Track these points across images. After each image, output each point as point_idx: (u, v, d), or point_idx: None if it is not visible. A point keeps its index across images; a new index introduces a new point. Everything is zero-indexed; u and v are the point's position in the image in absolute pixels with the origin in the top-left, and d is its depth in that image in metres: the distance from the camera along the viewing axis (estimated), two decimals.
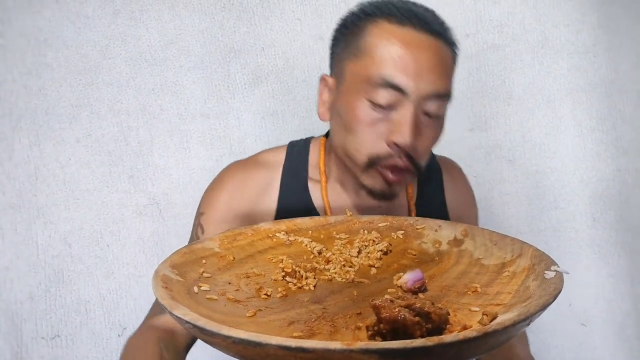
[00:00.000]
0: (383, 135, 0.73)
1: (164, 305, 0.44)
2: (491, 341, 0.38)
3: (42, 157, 1.29)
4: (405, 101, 0.72)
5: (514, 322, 0.39)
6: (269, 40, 1.34)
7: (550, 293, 0.44)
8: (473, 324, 0.45)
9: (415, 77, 0.71)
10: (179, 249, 0.59)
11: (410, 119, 0.71)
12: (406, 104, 0.72)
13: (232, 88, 1.34)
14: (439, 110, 0.74)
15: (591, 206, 1.43)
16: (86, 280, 1.32)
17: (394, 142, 0.72)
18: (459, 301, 0.53)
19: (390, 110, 0.73)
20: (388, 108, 0.72)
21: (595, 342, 1.45)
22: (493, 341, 0.38)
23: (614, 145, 1.42)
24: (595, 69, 1.39)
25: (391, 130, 0.73)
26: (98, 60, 1.30)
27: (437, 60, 0.72)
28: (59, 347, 1.31)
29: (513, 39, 1.39)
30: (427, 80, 0.71)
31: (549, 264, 0.52)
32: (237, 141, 1.35)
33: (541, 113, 1.41)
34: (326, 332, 0.46)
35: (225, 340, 0.37)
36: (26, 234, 1.29)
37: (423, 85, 0.71)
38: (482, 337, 0.36)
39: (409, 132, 0.71)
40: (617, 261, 1.44)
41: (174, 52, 1.32)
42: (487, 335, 0.37)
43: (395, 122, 0.72)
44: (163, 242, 1.34)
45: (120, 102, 1.31)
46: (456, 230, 0.69)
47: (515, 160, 1.42)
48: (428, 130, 0.75)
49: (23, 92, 1.27)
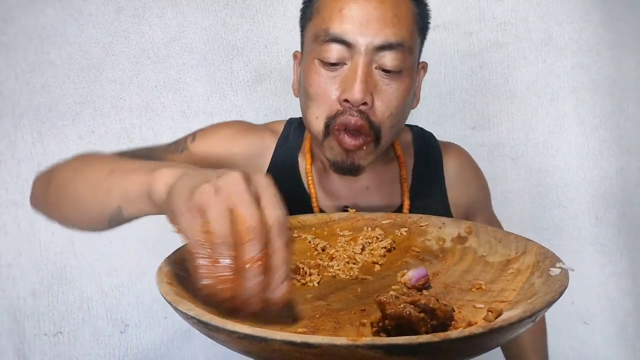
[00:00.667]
0: (335, 94, 0.70)
1: (168, 301, 0.44)
2: (497, 338, 0.38)
3: (45, 154, 1.29)
4: (354, 55, 0.69)
5: (519, 318, 0.38)
6: (272, 38, 1.33)
7: (555, 290, 0.44)
8: (478, 320, 0.45)
9: (361, 27, 0.68)
10: (183, 245, 0.59)
11: (359, 73, 0.68)
12: (355, 58, 0.69)
13: (234, 85, 1.34)
14: (397, 63, 0.69)
15: (594, 204, 1.42)
16: (89, 277, 1.32)
17: (345, 98, 0.69)
18: (463, 298, 0.53)
19: (341, 67, 0.70)
20: (339, 65, 0.70)
21: (597, 341, 1.44)
22: (499, 338, 0.38)
23: (617, 144, 1.41)
24: (599, 67, 1.38)
25: (342, 87, 0.70)
26: (101, 57, 1.29)
27: (386, 9, 0.69)
28: (61, 343, 1.31)
29: (516, 37, 1.38)
30: (374, 29, 0.68)
31: (554, 261, 0.52)
32: None
33: (544, 111, 1.40)
34: (330, 328, 0.46)
35: (230, 335, 0.37)
36: (29, 231, 1.29)
37: (370, 35, 0.68)
38: (487, 333, 0.36)
39: (359, 86, 0.67)
40: (619, 259, 1.43)
41: (177, 49, 1.31)
42: (492, 331, 0.37)
43: (345, 78, 0.69)
44: (166, 239, 1.32)
45: (123, 100, 1.31)
46: (460, 228, 0.69)
47: (518, 159, 1.42)
48: (387, 88, 0.70)
49: (26, 90, 1.27)
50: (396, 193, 0.85)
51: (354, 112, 0.69)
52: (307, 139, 0.85)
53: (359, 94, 0.68)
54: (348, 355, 0.35)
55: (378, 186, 0.84)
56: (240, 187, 0.43)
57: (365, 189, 0.84)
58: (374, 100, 0.70)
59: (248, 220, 0.41)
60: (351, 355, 0.35)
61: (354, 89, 0.68)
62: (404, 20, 0.71)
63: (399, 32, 0.69)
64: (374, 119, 0.71)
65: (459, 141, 1.36)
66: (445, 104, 1.37)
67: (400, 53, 0.70)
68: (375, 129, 0.71)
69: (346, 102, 0.69)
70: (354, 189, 0.83)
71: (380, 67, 0.70)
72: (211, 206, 0.41)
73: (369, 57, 0.69)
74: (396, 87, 0.71)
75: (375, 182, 0.84)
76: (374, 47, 0.69)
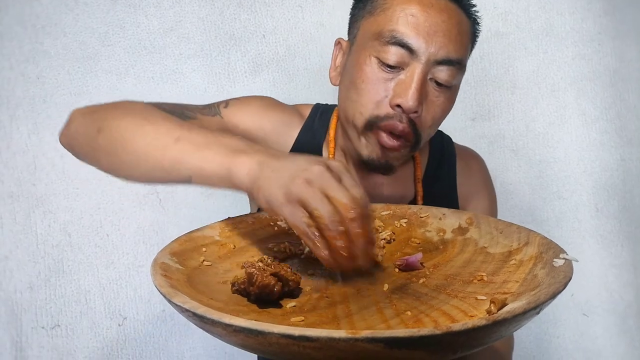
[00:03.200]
0: (387, 97, 0.70)
1: (162, 294, 0.42)
2: (500, 330, 0.37)
3: (41, 145, 1.28)
4: (414, 62, 0.69)
5: (524, 310, 0.37)
6: (270, 28, 1.32)
7: (560, 281, 0.43)
8: (480, 312, 0.44)
9: (427, 37, 0.68)
10: (179, 236, 0.58)
11: (417, 81, 0.68)
12: (415, 65, 0.69)
13: (232, 76, 1.33)
14: (450, 79, 0.71)
15: (595, 196, 1.41)
16: (86, 270, 1.31)
17: (397, 104, 0.69)
18: (464, 290, 0.52)
19: (399, 72, 0.70)
20: (396, 68, 0.70)
21: (596, 333, 1.44)
22: (502, 330, 0.37)
23: (618, 135, 1.40)
24: (600, 57, 1.37)
25: (396, 91, 0.70)
26: (97, 47, 1.28)
27: (452, 25, 0.70)
28: (58, 336, 1.31)
29: (517, 27, 1.37)
30: (439, 43, 0.69)
31: (557, 252, 0.51)
32: None
33: (545, 102, 1.39)
34: (329, 321, 0.45)
35: (226, 328, 0.36)
36: (25, 224, 1.28)
37: (434, 47, 0.68)
38: (491, 325, 0.35)
39: (414, 95, 0.68)
40: (620, 251, 1.42)
41: (174, 39, 1.30)
42: (496, 323, 0.36)
43: (401, 83, 0.70)
44: (163, 231, 1.33)
45: (119, 90, 1.29)
46: (461, 219, 0.68)
47: (519, 150, 1.41)
48: (436, 100, 0.72)
49: (21, 80, 1.26)
50: (409, 191, 0.86)
51: (403, 118, 0.70)
52: (331, 128, 0.84)
53: (413, 102, 0.69)
54: (347, 348, 0.34)
55: (392, 183, 0.85)
56: (327, 176, 0.50)
57: (381, 184, 0.84)
58: (423, 110, 0.71)
59: (343, 201, 0.49)
60: (350, 349, 0.34)
61: (409, 96, 0.69)
62: (465, 39, 0.72)
63: (460, 50, 0.71)
64: (419, 127, 0.72)
65: (459, 132, 1.35)
66: None
67: (455, 70, 0.71)
68: (417, 135, 0.73)
69: (398, 107, 0.70)
70: (369, 183, 0.84)
71: (434, 79, 0.71)
72: (310, 197, 0.49)
73: (428, 67, 0.69)
74: (443, 101, 0.73)
75: (390, 180, 0.85)
76: (435, 59, 0.69)
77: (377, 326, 0.44)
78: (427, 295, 0.51)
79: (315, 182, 0.49)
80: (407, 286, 0.54)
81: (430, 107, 0.72)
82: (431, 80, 0.71)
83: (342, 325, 0.44)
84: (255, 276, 0.46)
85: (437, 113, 0.73)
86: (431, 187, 0.86)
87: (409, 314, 0.46)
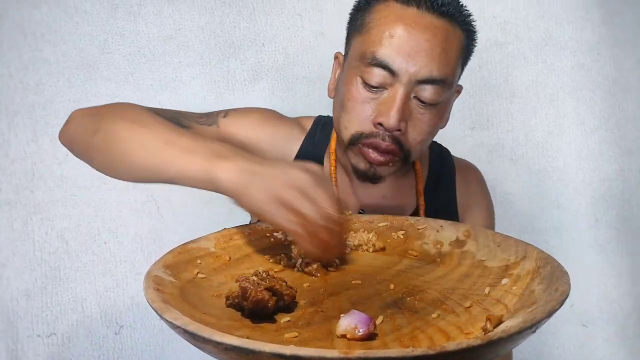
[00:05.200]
0: (371, 116, 0.72)
1: (154, 309, 0.42)
2: (496, 349, 0.37)
3: (39, 153, 1.27)
4: (395, 83, 0.70)
5: (519, 329, 0.37)
6: (269, 36, 1.32)
7: (556, 298, 0.43)
8: (476, 329, 0.43)
9: (408, 58, 0.69)
10: (173, 248, 0.58)
11: (398, 102, 0.70)
12: (396, 86, 0.70)
13: (231, 84, 1.33)
14: (434, 97, 0.72)
15: (593, 206, 1.41)
16: (83, 277, 1.31)
17: (379, 122, 0.71)
18: (461, 304, 0.51)
19: (382, 91, 0.71)
20: (379, 88, 0.71)
21: (596, 343, 1.43)
22: (498, 349, 0.37)
23: (617, 145, 1.40)
24: (599, 67, 1.37)
25: (379, 111, 0.71)
26: (96, 55, 1.28)
27: (436, 43, 0.70)
28: (55, 345, 1.30)
29: (516, 37, 1.37)
30: (420, 63, 0.69)
31: (554, 267, 0.51)
32: None
33: (544, 111, 1.39)
34: (323, 337, 0.45)
35: (217, 346, 0.36)
36: (23, 231, 1.28)
37: (416, 67, 0.69)
38: (486, 345, 0.35)
39: (395, 115, 0.70)
40: (619, 262, 1.42)
41: (173, 47, 1.30)
42: (491, 343, 0.35)
43: (384, 102, 0.71)
44: (161, 239, 1.32)
45: (118, 98, 1.29)
46: (458, 231, 0.67)
47: (518, 159, 1.40)
48: (421, 117, 0.73)
49: (20, 88, 1.26)
50: (410, 202, 0.87)
51: (386, 137, 0.72)
52: (332, 139, 0.86)
53: (394, 121, 0.70)
54: None
55: (394, 196, 0.86)
56: (307, 178, 0.55)
57: (382, 197, 0.85)
58: (407, 127, 0.73)
59: (323, 200, 0.54)
60: None
61: (390, 116, 0.70)
62: (451, 55, 0.72)
63: (444, 68, 0.71)
64: (405, 144, 0.74)
65: (458, 142, 1.35)
66: None
67: (440, 88, 0.71)
68: (405, 152, 0.74)
69: (381, 125, 0.72)
70: (372, 195, 0.85)
71: (418, 97, 0.72)
72: (292, 197, 0.54)
73: (410, 87, 0.71)
74: (430, 117, 0.73)
75: (392, 192, 0.86)
76: (417, 79, 0.70)
77: (371, 343, 0.43)
78: (423, 310, 0.51)
79: (297, 186, 0.54)
80: (403, 301, 0.53)
81: (416, 125, 0.73)
82: (415, 99, 0.72)
83: (336, 343, 0.43)
84: (249, 291, 0.46)
85: (424, 129, 0.74)
86: (432, 199, 0.87)
87: (404, 330, 0.46)
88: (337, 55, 0.82)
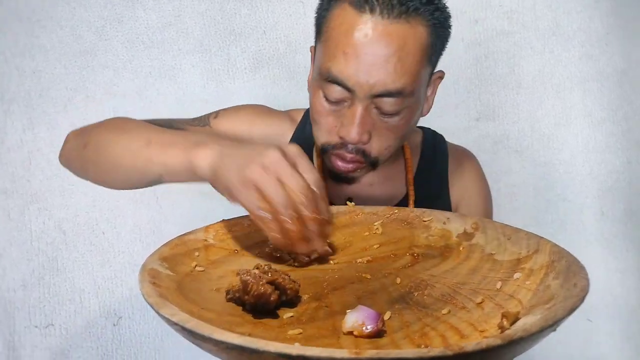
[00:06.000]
0: (336, 127, 0.72)
1: (150, 304, 0.40)
2: (515, 349, 0.34)
3: (36, 141, 1.26)
4: (354, 98, 0.69)
5: (541, 327, 0.35)
6: (271, 23, 1.30)
7: (576, 294, 0.40)
8: (490, 327, 0.41)
9: (362, 75, 0.67)
10: (170, 240, 0.55)
11: (357, 117, 0.69)
12: (355, 102, 0.70)
13: (232, 72, 1.31)
14: (395, 108, 0.70)
15: (600, 199, 1.40)
16: (81, 268, 1.30)
17: (342, 136, 0.71)
18: (472, 299, 0.49)
19: (343, 104, 0.71)
20: (340, 102, 0.71)
21: (600, 338, 1.42)
22: (517, 349, 0.35)
23: (624, 137, 1.38)
24: (607, 57, 1.36)
25: (342, 123, 0.71)
26: (94, 42, 1.27)
27: (392, 53, 0.66)
28: (52, 336, 1.29)
29: (523, 26, 1.35)
30: (376, 77, 0.67)
31: (570, 261, 0.49)
32: None
33: (550, 103, 1.37)
34: (328, 334, 0.43)
35: (217, 345, 0.34)
36: (19, 221, 1.27)
37: (371, 83, 0.67)
38: (506, 345, 0.32)
39: (356, 130, 0.69)
40: (625, 256, 1.40)
41: (173, 34, 1.28)
42: (512, 342, 0.33)
43: (344, 116, 0.71)
44: (160, 230, 1.31)
45: (116, 86, 1.28)
46: (466, 223, 0.65)
47: (523, 151, 1.39)
48: (385, 125, 0.72)
49: (16, 75, 1.24)
50: (399, 191, 0.86)
51: (350, 149, 0.72)
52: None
53: (355, 136, 0.70)
54: None
55: (382, 183, 0.86)
56: (282, 162, 0.52)
57: (370, 185, 0.85)
58: (372, 137, 0.72)
59: (296, 187, 0.51)
60: None
61: (351, 132, 0.70)
62: (410, 62, 0.68)
63: (400, 79, 0.68)
64: (371, 153, 0.73)
65: (463, 133, 1.34)
66: (448, 94, 1.34)
67: (399, 99, 0.70)
68: (372, 160, 0.74)
69: (343, 139, 0.72)
70: (360, 183, 0.84)
71: (378, 109, 0.71)
72: (265, 182, 0.51)
73: (368, 101, 0.70)
74: (394, 125, 0.72)
75: (380, 179, 0.85)
76: (373, 94, 0.69)
77: (380, 341, 0.41)
78: (432, 306, 0.48)
79: (270, 167, 0.52)
80: (411, 295, 0.51)
81: (381, 134, 0.72)
82: (376, 109, 0.71)
83: (343, 340, 0.41)
84: (250, 284, 0.44)
85: (390, 136, 0.73)
86: (422, 187, 0.86)
87: (414, 327, 0.44)
88: (311, 49, 0.80)
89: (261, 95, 1.31)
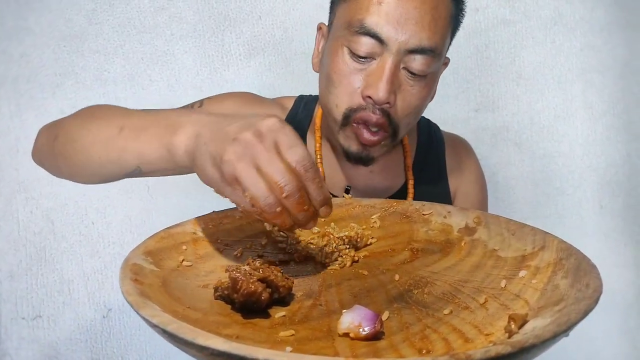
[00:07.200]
0: (360, 88, 0.69)
1: (130, 303, 0.37)
2: (527, 356, 0.32)
3: (24, 128, 1.23)
4: (384, 53, 0.67)
5: (554, 333, 0.32)
6: (267, 9, 1.27)
7: (590, 296, 0.38)
8: (496, 330, 0.39)
9: (397, 26, 0.66)
10: (156, 233, 0.52)
11: (387, 73, 0.67)
12: (385, 56, 0.68)
13: (226, 59, 1.28)
14: (424, 68, 0.69)
15: (599, 192, 1.38)
16: (69, 259, 1.27)
17: (368, 95, 0.68)
18: (475, 299, 0.46)
19: (370, 62, 0.68)
20: (367, 59, 0.68)
21: (597, 333, 1.40)
22: (528, 356, 0.32)
23: (625, 130, 1.36)
24: (610, 48, 1.33)
25: (367, 82, 0.68)
26: (84, 25, 1.23)
27: (426, 11, 0.67)
28: (40, 328, 1.27)
29: (525, 15, 1.32)
30: (410, 31, 0.66)
31: (579, 259, 0.46)
32: None
33: (551, 94, 1.35)
34: (323, 335, 0.40)
35: (201, 351, 0.31)
36: (6, 210, 1.24)
37: (405, 36, 0.66)
38: (517, 352, 0.30)
39: (384, 86, 0.67)
40: (623, 250, 1.39)
41: (165, 19, 1.25)
42: (523, 350, 0.30)
43: (372, 74, 0.68)
44: (151, 221, 1.29)
45: (107, 72, 1.25)
46: (468, 217, 0.62)
47: (522, 143, 1.37)
48: (411, 89, 0.70)
49: (3, 59, 1.21)
50: (398, 179, 0.86)
51: (376, 110, 0.69)
52: (317, 117, 0.83)
53: (383, 93, 0.67)
54: None
55: (381, 172, 0.85)
56: (258, 146, 0.46)
57: (369, 173, 0.84)
58: (396, 99, 0.70)
59: (276, 175, 0.45)
60: None
61: (379, 88, 0.67)
62: (440, 24, 0.69)
63: (433, 37, 0.68)
64: (394, 117, 0.71)
65: (462, 124, 1.31)
66: (447, 84, 1.31)
67: (429, 58, 0.69)
68: (394, 126, 0.71)
69: (369, 98, 0.69)
70: (358, 172, 0.83)
71: (407, 68, 0.69)
72: (244, 176, 0.45)
73: (399, 57, 0.68)
74: (419, 89, 0.71)
75: (379, 167, 0.84)
76: (407, 48, 0.67)
77: (378, 344, 0.38)
78: (433, 305, 0.46)
79: (247, 154, 0.46)
80: (410, 294, 0.48)
81: (405, 97, 0.70)
82: (404, 70, 0.69)
83: (338, 343, 0.38)
84: (240, 282, 0.41)
85: (413, 102, 0.71)
86: (421, 174, 0.86)
87: (414, 329, 0.41)
88: (320, 26, 0.79)
89: (256, 82, 1.28)
